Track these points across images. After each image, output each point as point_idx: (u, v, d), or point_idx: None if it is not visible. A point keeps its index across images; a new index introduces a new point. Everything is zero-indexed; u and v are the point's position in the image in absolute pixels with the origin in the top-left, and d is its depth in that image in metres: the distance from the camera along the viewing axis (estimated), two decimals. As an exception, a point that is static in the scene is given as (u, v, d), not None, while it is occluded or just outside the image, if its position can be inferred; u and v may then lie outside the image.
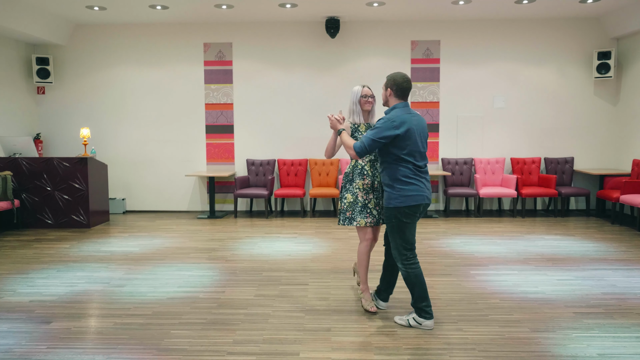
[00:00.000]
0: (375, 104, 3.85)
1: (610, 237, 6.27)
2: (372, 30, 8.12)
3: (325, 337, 3.31)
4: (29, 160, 6.90)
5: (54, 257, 5.44)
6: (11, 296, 4.16)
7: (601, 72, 7.76)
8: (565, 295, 4.09)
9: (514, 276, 4.63)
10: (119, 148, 8.37)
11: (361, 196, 3.66)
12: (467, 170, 8.08)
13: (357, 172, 3.68)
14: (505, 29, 8.07)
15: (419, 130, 3.40)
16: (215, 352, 3.10)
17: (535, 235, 6.41)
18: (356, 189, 3.67)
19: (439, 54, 8.14)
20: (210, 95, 8.29)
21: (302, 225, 7.19)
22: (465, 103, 8.19)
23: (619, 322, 3.53)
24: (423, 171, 3.41)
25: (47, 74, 8.06)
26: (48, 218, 6.96)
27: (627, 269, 4.83)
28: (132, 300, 4.05)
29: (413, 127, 3.35)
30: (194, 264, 5.13)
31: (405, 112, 3.41)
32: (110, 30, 8.25)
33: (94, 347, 3.17)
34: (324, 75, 8.16)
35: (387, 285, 3.77)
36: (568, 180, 8.03)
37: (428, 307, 3.42)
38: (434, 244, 5.97)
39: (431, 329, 3.40)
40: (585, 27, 7.99)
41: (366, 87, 3.76)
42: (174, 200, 8.44)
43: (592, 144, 8.16)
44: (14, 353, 3.10)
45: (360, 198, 3.66)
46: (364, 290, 3.81)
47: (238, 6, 7.18)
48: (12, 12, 6.84)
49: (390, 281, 3.75)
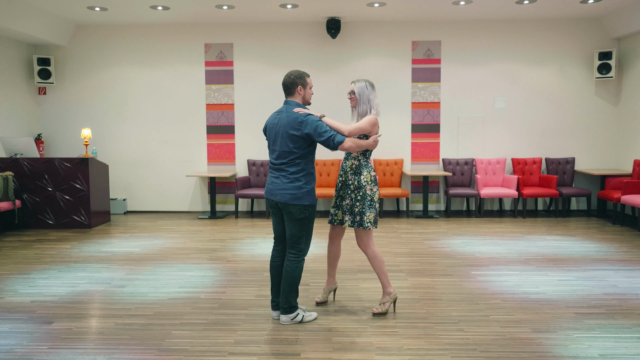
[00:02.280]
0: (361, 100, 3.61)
1: (612, 237, 6.27)
2: (373, 31, 8.12)
3: (326, 337, 3.31)
4: (30, 161, 6.91)
5: (55, 257, 5.44)
6: (12, 296, 4.16)
7: (602, 72, 7.75)
8: (566, 296, 4.08)
9: (515, 276, 4.63)
10: (120, 148, 8.38)
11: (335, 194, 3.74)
12: (468, 170, 8.08)
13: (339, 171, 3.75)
14: (506, 29, 8.07)
15: (276, 128, 3.45)
16: (216, 352, 3.10)
17: (536, 235, 6.41)
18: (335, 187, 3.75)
19: (440, 55, 8.14)
20: (211, 96, 8.30)
21: (303, 225, 7.19)
22: (466, 103, 8.19)
23: (621, 322, 3.53)
24: (276, 168, 3.46)
25: (49, 75, 8.07)
26: (49, 218, 6.97)
27: (628, 270, 4.83)
28: (133, 300, 4.06)
29: (269, 124, 3.53)
30: (195, 264, 5.13)
31: (277, 110, 3.53)
32: (112, 30, 8.26)
33: (95, 348, 3.18)
34: (324, 75, 8.16)
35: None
36: (569, 180, 8.02)
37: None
38: (434, 244, 5.97)
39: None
40: (586, 27, 7.99)
41: (352, 82, 3.70)
42: (175, 201, 8.45)
43: (593, 144, 8.15)
44: (15, 353, 3.10)
45: (334, 196, 3.74)
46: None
47: (239, 7, 7.18)
48: (14, 12, 6.84)
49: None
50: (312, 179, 3.45)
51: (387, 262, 5.13)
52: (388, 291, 3.70)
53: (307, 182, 3.41)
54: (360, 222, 3.57)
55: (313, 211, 3.47)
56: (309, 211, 3.42)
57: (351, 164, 3.61)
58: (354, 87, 3.64)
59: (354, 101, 3.66)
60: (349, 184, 3.60)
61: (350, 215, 3.60)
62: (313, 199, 3.44)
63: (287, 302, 3.49)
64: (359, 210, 3.57)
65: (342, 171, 3.67)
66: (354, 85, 3.65)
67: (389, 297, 3.69)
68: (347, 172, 3.61)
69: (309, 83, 3.50)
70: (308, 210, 3.42)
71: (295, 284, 3.49)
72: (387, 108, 8.06)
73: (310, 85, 3.51)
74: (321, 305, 3.87)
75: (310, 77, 3.55)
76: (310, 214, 3.45)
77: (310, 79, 3.52)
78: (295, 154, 3.37)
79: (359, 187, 3.57)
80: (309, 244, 3.52)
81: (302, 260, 3.50)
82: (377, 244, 5.94)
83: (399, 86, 8.16)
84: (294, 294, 3.51)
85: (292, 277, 3.46)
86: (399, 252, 5.60)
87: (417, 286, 4.38)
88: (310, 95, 3.52)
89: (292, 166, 3.39)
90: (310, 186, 3.43)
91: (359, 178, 3.58)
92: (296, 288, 3.51)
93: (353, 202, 3.59)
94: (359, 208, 3.57)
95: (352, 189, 3.59)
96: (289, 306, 3.50)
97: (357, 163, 3.60)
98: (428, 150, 8.27)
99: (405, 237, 6.39)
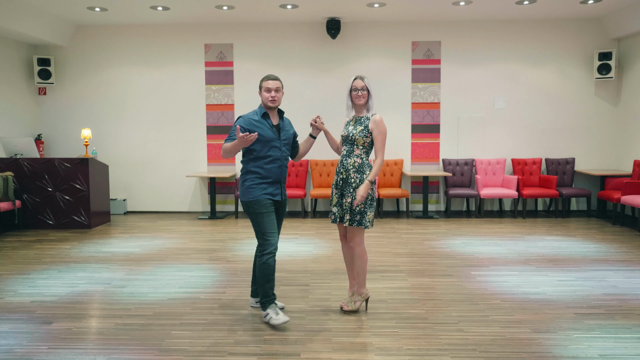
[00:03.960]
0: (371, 98, 3.62)
1: (611, 238, 6.27)
2: (373, 31, 8.12)
3: (326, 337, 3.31)
4: (30, 161, 6.91)
5: (55, 257, 5.44)
6: (12, 297, 4.16)
7: (602, 72, 7.75)
8: (566, 296, 4.08)
9: (515, 277, 4.63)
10: (120, 149, 8.38)
11: (334, 192, 3.69)
12: (468, 171, 8.08)
13: (336, 169, 3.71)
14: (506, 29, 8.07)
15: None
16: (216, 352, 3.10)
17: (536, 236, 6.41)
18: (333, 185, 3.72)
19: (440, 55, 8.14)
20: (211, 96, 8.30)
21: (303, 226, 7.19)
22: (466, 104, 8.19)
23: (620, 322, 3.53)
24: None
25: (49, 75, 8.07)
26: (49, 219, 6.97)
27: (628, 270, 4.83)
28: (133, 300, 4.06)
29: None
30: (194, 264, 5.13)
31: None
32: (112, 31, 8.26)
33: (95, 348, 3.18)
34: (324, 76, 8.16)
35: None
36: (569, 181, 8.02)
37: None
38: (434, 244, 5.97)
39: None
40: (586, 27, 7.99)
41: (358, 78, 3.60)
42: (175, 201, 8.44)
43: (593, 144, 8.15)
44: (15, 353, 3.10)
45: (333, 193, 3.70)
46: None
47: (239, 7, 7.19)
48: (14, 13, 6.85)
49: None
50: (255, 177, 3.53)
51: (387, 263, 5.14)
52: (361, 291, 3.74)
53: (246, 179, 3.56)
54: (360, 221, 3.56)
55: (257, 207, 3.51)
56: (252, 208, 3.52)
57: (353, 162, 3.58)
58: (364, 82, 3.57)
59: (364, 98, 3.60)
60: (351, 182, 3.57)
61: (350, 214, 3.57)
62: (252, 195, 3.51)
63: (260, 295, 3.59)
64: (360, 210, 3.55)
65: (342, 169, 3.62)
66: (362, 81, 3.57)
67: (361, 297, 3.75)
68: (349, 170, 3.58)
69: (263, 86, 3.58)
70: (250, 206, 3.53)
71: (260, 278, 3.53)
72: (387, 108, 8.06)
73: (265, 88, 3.56)
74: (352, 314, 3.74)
75: (269, 81, 3.57)
76: (255, 210, 3.51)
77: (265, 82, 3.57)
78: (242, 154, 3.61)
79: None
80: (267, 239, 3.51)
81: (263, 255, 3.50)
82: (378, 244, 5.94)
83: (398, 86, 8.17)
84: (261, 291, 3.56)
85: (258, 272, 3.56)
86: (399, 252, 5.60)
87: (417, 286, 4.38)
88: (265, 98, 3.57)
89: (242, 166, 3.65)
90: (249, 184, 3.53)
91: (361, 176, 3.56)
92: (262, 285, 3.53)
93: (353, 201, 3.56)
94: (361, 207, 3.56)
95: (354, 187, 3.56)
96: (261, 302, 3.59)
97: (360, 161, 3.59)
98: (428, 151, 8.27)
99: (405, 237, 6.39)
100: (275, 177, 3.56)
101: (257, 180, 3.52)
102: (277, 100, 3.58)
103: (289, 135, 3.70)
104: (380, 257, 5.38)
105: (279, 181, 3.60)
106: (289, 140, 3.69)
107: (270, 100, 3.56)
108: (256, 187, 3.52)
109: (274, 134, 3.57)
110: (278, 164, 3.57)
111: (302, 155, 3.88)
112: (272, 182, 3.56)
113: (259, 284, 3.57)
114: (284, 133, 3.65)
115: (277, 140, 3.58)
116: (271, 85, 3.56)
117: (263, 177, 3.53)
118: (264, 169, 3.53)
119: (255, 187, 3.52)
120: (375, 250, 5.65)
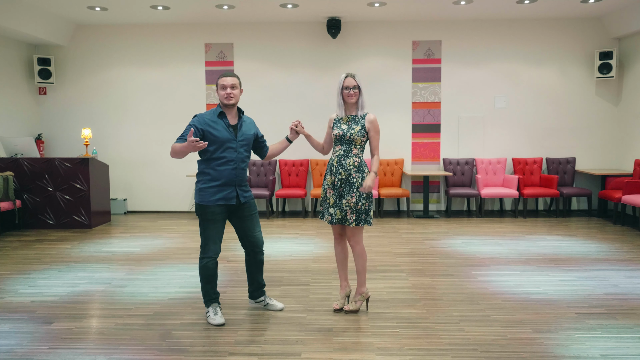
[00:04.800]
0: (362, 95, 3.60)
1: (612, 237, 6.26)
2: (374, 31, 8.11)
3: (327, 337, 3.31)
4: (31, 161, 6.90)
5: (56, 257, 5.44)
6: (13, 296, 4.16)
7: (603, 72, 7.74)
8: (567, 296, 4.08)
9: (516, 276, 4.62)
10: (121, 148, 8.37)
11: (329, 193, 3.64)
12: (469, 170, 8.07)
13: (327, 168, 3.68)
14: (507, 29, 8.06)
15: None
16: (216, 352, 3.10)
17: (536, 235, 6.40)
18: (325, 184, 3.67)
19: (440, 54, 8.13)
20: (211, 96, 8.29)
21: (304, 225, 7.19)
22: (467, 103, 8.18)
23: (622, 322, 3.52)
24: None
25: (49, 75, 8.07)
26: (49, 218, 6.96)
27: (629, 270, 4.82)
28: (133, 300, 4.05)
29: None
30: (195, 264, 5.12)
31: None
32: (112, 30, 8.25)
33: (95, 348, 3.17)
34: (325, 75, 8.15)
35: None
36: (570, 180, 8.01)
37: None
38: (435, 244, 5.96)
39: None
40: (587, 27, 7.98)
41: (349, 76, 3.56)
42: (176, 201, 8.44)
43: (593, 144, 8.14)
44: (15, 353, 3.09)
45: (328, 195, 3.65)
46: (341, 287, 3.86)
47: (239, 6, 7.18)
48: (14, 12, 6.84)
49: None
50: (207, 179, 3.42)
51: (388, 262, 5.13)
52: (362, 290, 3.74)
53: (199, 181, 3.47)
54: (365, 219, 3.57)
55: (203, 213, 3.43)
56: (200, 210, 3.45)
57: (353, 162, 3.57)
58: (356, 81, 3.56)
59: (356, 96, 3.59)
60: (354, 182, 3.55)
61: (356, 214, 3.54)
62: (201, 199, 3.42)
63: (202, 293, 3.61)
64: (365, 209, 3.56)
65: (340, 169, 3.57)
66: (353, 79, 3.55)
67: (361, 296, 3.74)
68: (350, 170, 3.56)
69: (218, 84, 3.47)
70: (198, 209, 3.47)
71: (202, 279, 3.53)
72: (388, 108, 8.06)
73: (220, 85, 3.45)
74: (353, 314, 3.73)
75: (223, 78, 3.46)
76: (201, 215, 3.45)
77: (220, 79, 3.46)
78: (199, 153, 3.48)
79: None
80: (205, 245, 3.47)
81: (202, 258, 3.49)
82: (378, 244, 5.94)
83: (399, 86, 8.16)
84: (204, 289, 3.57)
85: (200, 271, 3.54)
86: (400, 252, 5.60)
87: (418, 286, 4.37)
88: (220, 96, 3.46)
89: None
90: (200, 186, 3.44)
91: (362, 175, 3.57)
92: (202, 285, 3.55)
93: (358, 200, 3.54)
94: (366, 206, 3.56)
95: (356, 186, 3.55)
96: (204, 299, 3.61)
97: (359, 161, 3.59)
98: (428, 150, 8.26)
99: (405, 237, 6.38)
100: (226, 180, 3.41)
101: (209, 183, 3.40)
102: (234, 97, 3.43)
103: (247, 136, 3.53)
104: (381, 256, 5.37)
105: (232, 184, 3.45)
106: (247, 141, 3.53)
107: (225, 98, 3.41)
108: (207, 190, 3.41)
109: (230, 135, 3.43)
110: (232, 165, 3.42)
111: (272, 156, 3.82)
112: (222, 185, 3.41)
113: (201, 284, 3.57)
114: (241, 134, 3.49)
115: (234, 141, 3.43)
116: (227, 82, 3.42)
117: (214, 178, 3.40)
118: (216, 170, 3.40)
119: (206, 190, 3.41)
120: (375, 250, 5.65)
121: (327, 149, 3.80)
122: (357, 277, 3.75)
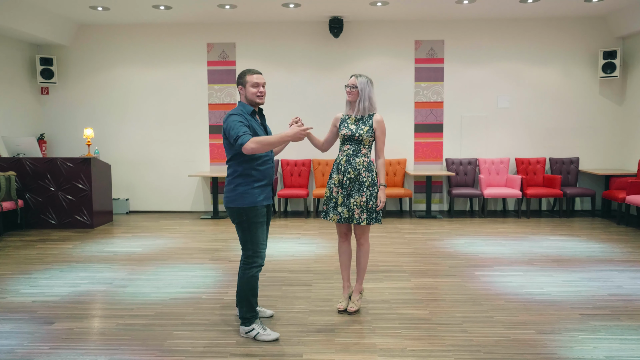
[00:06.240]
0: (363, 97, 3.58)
1: (616, 237, 6.22)
2: (376, 30, 8.09)
3: (328, 338, 3.29)
4: (33, 161, 6.91)
5: (57, 257, 5.44)
6: (14, 296, 4.15)
7: (607, 71, 7.71)
8: (571, 297, 4.05)
9: (519, 277, 4.60)
10: (123, 148, 8.37)
11: (335, 191, 3.64)
12: (472, 170, 8.04)
13: (334, 167, 3.67)
14: (510, 28, 8.03)
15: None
16: (218, 353, 3.08)
17: (540, 236, 6.37)
18: (332, 184, 3.67)
19: (443, 54, 8.10)
20: (213, 96, 8.28)
21: (306, 225, 7.17)
22: (470, 103, 8.15)
23: (626, 324, 3.49)
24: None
25: (51, 75, 8.07)
26: (51, 218, 6.97)
27: (633, 270, 4.79)
28: (135, 300, 4.04)
29: None
30: (197, 264, 5.12)
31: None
32: (114, 30, 8.25)
33: (96, 348, 3.16)
34: (327, 75, 8.14)
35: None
36: (573, 180, 7.98)
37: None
38: (438, 244, 5.94)
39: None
40: (591, 26, 7.94)
41: (353, 76, 3.61)
42: (177, 201, 8.44)
43: (597, 144, 8.10)
44: (16, 354, 3.09)
45: (334, 193, 3.65)
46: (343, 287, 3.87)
47: (241, 6, 7.17)
48: (16, 12, 6.85)
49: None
50: (250, 180, 3.19)
51: (390, 263, 5.11)
52: (361, 288, 3.83)
53: (239, 184, 3.19)
54: (376, 219, 3.62)
55: (253, 216, 3.20)
56: (246, 216, 3.20)
57: (362, 161, 3.59)
58: (355, 81, 3.58)
59: (354, 95, 3.62)
60: (363, 181, 3.57)
61: (367, 212, 3.57)
62: (248, 202, 3.18)
63: (240, 312, 3.31)
64: (376, 207, 3.60)
65: (350, 168, 3.58)
66: (355, 79, 3.59)
67: (361, 295, 3.83)
68: (359, 169, 3.57)
69: (249, 81, 3.22)
70: (244, 214, 3.20)
71: (244, 292, 3.26)
72: (390, 107, 8.03)
73: (252, 82, 3.22)
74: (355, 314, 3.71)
75: (255, 75, 3.24)
76: (250, 219, 3.20)
77: (252, 76, 3.23)
78: (229, 155, 3.24)
79: (374, 184, 3.60)
80: (257, 251, 3.24)
81: (252, 268, 3.25)
82: (381, 244, 5.92)
83: (401, 85, 8.13)
84: (244, 305, 3.28)
85: (241, 285, 3.27)
86: (402, 252, 5.58)
87: (420, 287, 4.35)
88: (252, 94, 3.23)
89: (229, 168, 3.28)
90: (244, 188, 3.18)
91: (372, 175, 3.60)
92: (247, 299, 3.27)
93: (369, 199, 3.57)
94: (376, 205, 3.60)
95: (367, 185, 3.57)
96: (242, 317, 3.30)
97: (368, 160, 3.62)
98: (431, 150, 8.23)
99: (408, 237, 6.36)
100: (269, 179, 3.30)
101: (253, 184, 3.20)
102: (264, 96, 3.30)
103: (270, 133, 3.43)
104: (383, 257, 5.35)
105: (271, 183, 3.34)
106: None
107: (258, 96, 3.25)
108: (251, 192, 3.19)
109: (264, 133, 3.33)
110: (270, 164, 3.30)
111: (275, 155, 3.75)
112: (265, 185, 3.27)
113: (242, 297, 3.27)
114: (269, 131, 3.44)
115: None
116: (261, 79, 3.25)
117: (257, 179, 3.21)
118: (258, 170, 3.22)
119: (250, 192, 3.19)
120: (378, 250, 5.63)
121: (326, 147, 3.80)
122: (357, 275, 3.78)
